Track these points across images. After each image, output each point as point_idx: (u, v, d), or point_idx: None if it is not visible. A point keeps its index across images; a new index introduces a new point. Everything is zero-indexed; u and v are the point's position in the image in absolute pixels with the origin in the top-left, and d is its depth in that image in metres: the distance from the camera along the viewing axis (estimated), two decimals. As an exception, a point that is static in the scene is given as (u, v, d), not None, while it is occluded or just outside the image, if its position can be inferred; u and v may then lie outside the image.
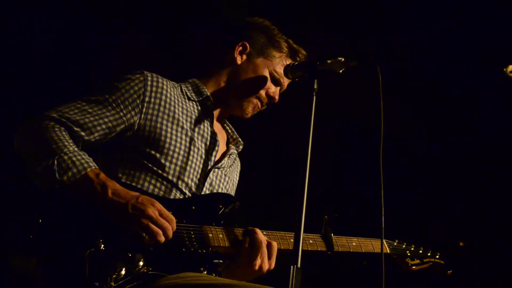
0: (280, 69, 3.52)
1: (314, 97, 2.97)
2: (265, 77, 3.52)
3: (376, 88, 2.99)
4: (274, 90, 3.56)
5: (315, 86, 3.01)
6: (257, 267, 3.12)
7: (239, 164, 3.71)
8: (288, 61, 3.54)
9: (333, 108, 5.07)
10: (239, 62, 3.53)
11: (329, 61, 3.13)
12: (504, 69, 5.09)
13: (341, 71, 3.14)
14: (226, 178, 3.47)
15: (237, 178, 3.69)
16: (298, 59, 3.58)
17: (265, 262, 3.13)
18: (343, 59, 3.14)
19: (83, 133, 3.02)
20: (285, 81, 3.58)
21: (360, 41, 5.38)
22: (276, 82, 3.56)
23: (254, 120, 3.63)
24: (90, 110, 3.07)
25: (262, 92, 3.52)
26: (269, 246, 3.16)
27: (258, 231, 3.17)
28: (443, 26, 5.53)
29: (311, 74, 3.09)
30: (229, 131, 3.70)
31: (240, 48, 3.54)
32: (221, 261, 3.31)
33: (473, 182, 6.11)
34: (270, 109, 3.65)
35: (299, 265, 2.61)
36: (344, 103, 5.56)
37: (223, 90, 3.52)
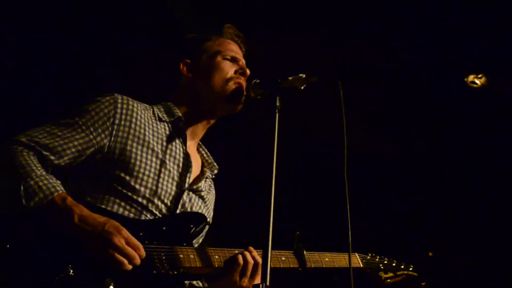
0: (228, 50, 3.58)
1: (277, 114, 3.00)
2: (222, 64, 3.53)
3: (339, 103, 3.02)
4: (237, 66, 3.56)
5: (278, 103, 3.04)
6: (244, 285, 3.13)
7: (214, 191, 3.70)
8: (229, 41, 3.63)
9: (299, 123, 5.11)
10: (191, 75, 3.55)
11: (290, 78, 3.16)
12: (465, 79, 5.17)
13: (302, 88, 3.17)
14: (200, 202, 3.45)
15: (213, 206, 3.66)
16: (236, 38, 3.66)
17: (251, 281, 3.15)
18: (304, 76, 3.16)
19: (52, 157, 3.01)
20: (239, 52, 3.63)
21: (321, 56, 5.42)
22: (233, 59, 3.57)
23: (221, 141, 3.63)
24: (59, 134, 3.06)
25: (230, 75, 3.51)
26: (256, 264, 3.17)
27: (251, 248, 3.20)
28: (405, 37, 5.59)
29: (273, 91, 3.12)
30: (204, 155, 3.68)
31: (184, 67, 3.58)
32: (194, 282, 3.32)
33: (440, 192, 6.17)
34: (236, 128, 3.66)
35: (268, 283, 2.63)
36: (309, 118, 5.60)
37: (194, 105, 3.51)
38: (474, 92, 5.79)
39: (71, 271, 2.71)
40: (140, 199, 3.13)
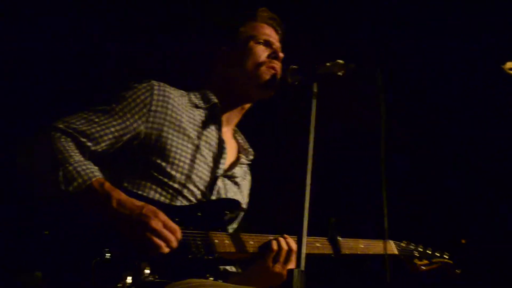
0: (261, 33, 3.56)
1: (314, 100, 2.99)
2: (254, 49, 3.52)
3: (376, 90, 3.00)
4: (270, 50, 3.55)
5: (315, 90, 3.03)
6: (277, 270, 3.13)
7: (250, 177, 3.72)
8: (262, 25, 3.61)
9: (334, 111, 5.08)
10: (226, 62, 3.56)
11: (328, 64, 3.13)
12: (502, 66, 5.08)
13: (340, 74, 3.15)
14: (235, 188, 3.47)
15: (248, 191, 3.69)
16: (270, 21, 3.64)
17: (285, 266, 3.15)
18: (342, 62, 3.14)
19: (89, 143, 3.04)
20: (273, 36, 3.61)
21: (359, 44, 5.39)
22: (266, 43, 3.56)
23: (257, 127, 3.63)
24: (96, 120, 3.08)
25: (262, 59, 3.50)
26: (290, 251, 3.18)
27: (286, 235, 3.20)
28: (440, 28, 5.53)
29: (310, 77, 3.10)
30: (240, 141, 3.69)
31: (219, 54, 3.59)
32: (228, 267, 3.35)
33: (473, 180, 6.11)
34: (273, 115, 3.65)
35: (302, 268, 2.64)
36: (345, 106, 5.57)
37: (229, 91, 3.51)
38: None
39: (108, 255, 2.74)
40: (175, 185, 3.16)
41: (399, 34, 5.60)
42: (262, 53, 3.51)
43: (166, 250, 2.84)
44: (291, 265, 3.11)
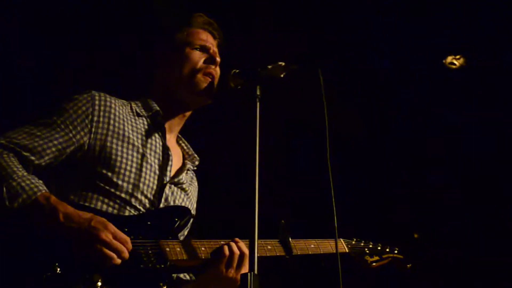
0: (196, 39, 3.54)
1: (258, 103, 3.00)
2: (190, 55, 3.49)
3: (319, 89, 3.03)
4: (206, 55, 3.52)
5: (258, 93, 3.04)
6: (231, 275, 3.13)
7: (196, 183, 3.70)
8: (198, 31, 3.58)
9: (278, 112, 5.12)
10: (163, 69, 3.53)
11: (269, 67, 3.15)
12: (444, 61, 5.19)
13: (282, 76, 3.16)
14: (183, 195, 3.45)
15: (196, 198, 3.67)
16: (207, 26, 3.61)
17: (238, 271, 3.14)
18: (283, 64, 3.15)
19: (33, 158, 3.00)
20: (210, 41, 3.58)
21: (300, 44, 5.43)
22: (203, 49, 3.54)
23: (202, 132, 3.62)
24: (38, 134, 3.04)
25: (199, 65, 3.47)
26: (242, 255, 3.17)
27: (237, 239, 3.20)
28: (381, 23, 5.61)
29: (253, 80, 3.11)
30: (184, 147, 3.67)
31: (156, 61, 3.57)
32: (181, 275, 3.33)
33: (420, 173, 6.21)
34: (218, 120, 3.65)
35: (256, 272, 2.64)
36: (289, 106, 5.61)
37: (169, 98, 3.49)
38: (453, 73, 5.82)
39: (58, 269, 2.71)
40: (123, 195, 3.13)
41: (341, 29, 5.66)
42: (199, 59, 3.50)
43: (118, 261, 2.82)
44: (244, 269, 3.10)
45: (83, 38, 5.09)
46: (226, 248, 3.16)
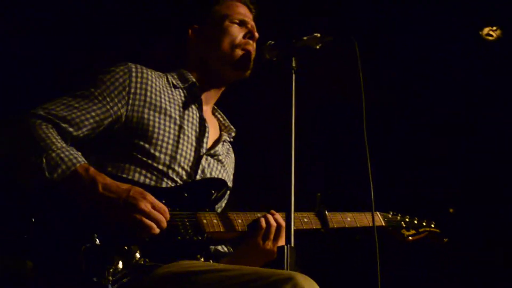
0: (236, 13, 3.52)
1: (293, 75, 2.99)
2: (229, 29, 3.48)
3: (355, 62, 3.01)
4: (245, 30, 3.52)
5: (293, 64, 3.03)
6: (268, 247, 3.15)
7: (233, 155, 3.71)
8: (237, 4, 3.57)
9: (315, 85, 5.09)
10: (200, 41, 3.52)
11: (305, 38, 3.14)
12: (480, 32, 5.10)
13: (318, 47, 3.15)
14: (219, 166, 3.45)
15: (233, 170, 3.68)
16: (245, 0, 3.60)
17: (275, 243, 3.15)
18: (319, 35, 3.14)
19: (71, 129, 3.01)
20: (248, 15, 3.57)
21: (335, 17, 5.39)
22: (242, 23, 3.52)
23: (238, 104, 3.62)
24: (76, 105, 3.06)
25: (238, 40, 3.47)
26: (279, 227, 3.18)
27: (273, 211, 3.21)
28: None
29: (288, 52, 3.11)
30: (221, 118, 3.67)
31: (193, 33, 3.55)
32: (219, 247, 3.34)
33: (458, 149, 6.15)
34: (253, 90, 3.64)
35: (292, 244, 2.65)
36: (325, 79, 5.58)
37: (205, 70, 3.49)
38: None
39: (97, 240, 2.73)
40: (160, 166, 3.14)
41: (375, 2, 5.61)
42: (238, 33, 3.48)
43: (157, 230, 2.84)
44: (281, 241, 3.10)
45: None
46: (263, 220, 3.17)
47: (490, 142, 6.16)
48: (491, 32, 5.74)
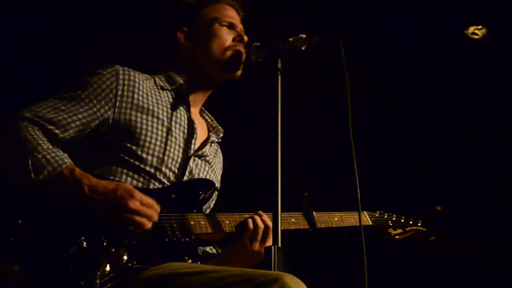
0: (225, 16, 3.55)
1: (279, 76, 3.00)
2: (219, 32, 3.51)
3: (340, 62, 3.02)
4: (234, 33, 3.54)
5: (279, 66, 3.04)
6: (255, 249, 3.14)
7: (221, 155, 3.71)
8: (225, 7, 3.59)
9: (300, 86, 5.11)
10: (189, 43, 3.54)
11: (291, 39, 3.16)
12: (465, 31, 5.12)
13: (303, 48, 3.17)
14: (207, 167, 3.46)
15: (221, 171, 3.68)
16: (233, 3, 3.63)
17: (262, 244, 3.15)
18: (305, 36, 3.17)
19: (57, 131, 3.01)
20: (236, 18, 3.59)
21: (321, 18, 5.40)
22: (230, 26, 3.55)
23: (224, 105, 3.62)
24: (63, 108, 3.06)
25: (228, 43, 3.49)
26: (267, 228, 3.18)
27: (261, 212, 3.20)
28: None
29: (274, 53, 3.12)
30: (208, 119, 3.68)
31: (182, 35, 3.57)
32: (207, 249, 3.34)
33: (445, 147, 6.17)
34: (240, 92, 3.64)
35: (279, 245, 2.66)
36: (312, 79, 5.59)
37: (194, 72, 3.50)
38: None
39: (84, 243, 2.73)
40: (147, 168, 3.14)
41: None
42: (228, 36, 3.51)
43: (149, 226, 2.84)
44: (269, 242, 3.09)
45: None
46: (250, 221, 3.17)
47: (481, 139, 6.19)
48: (476, 31, 5.76)
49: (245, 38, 3.52)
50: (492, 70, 5.98)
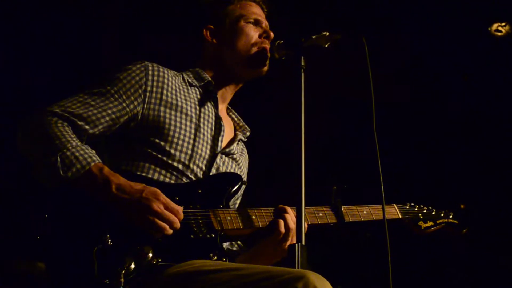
0: (250, 12, 3.55)
1: (302, 74, 2.99)
2: (245, 29, 3.51)
3: (364, 60, 3.00)
4: (260, 29, 3.55)
5: (302, 63, 3.03)
6: (285, 247, 3.10)
7: (247, 155, 3.72)
8: (251, 3, 3.60)
9: (324, 83, 5.08)
10: (215, 41, 3.55)
11: (314, 37, 3.16)
12: (489, 28, 5.03)
13: (326, 46, 3.16)
14: (234, 165, 3.45)
15: (246, 169, 3.68)
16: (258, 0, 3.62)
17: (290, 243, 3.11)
18: (327, 33, 3.15)
19: (87, 127, 3.03)
20: (261, 14, 3.60)
21: (344, 15, 5.37)
22: (256, 22, 3.56)
23: (247, 104, 3.62)
24: (92, 103, 3.08)
25: (254, 39, 3.50)
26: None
27: (289, 209, 3.17)
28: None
29: (297, 51, 3.12)
30: (235, 118, 3.69)
31: (208, 33, 3.57)
32: (234, 248, 3.35)
33: (473, 144, 6.09)
34: (262, 91, 3.63)
35: (303, 242, 2.65)
36: (334, 77, 5.56)
37: (220, 70, 3.52)
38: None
39: (109, 241, 2.75)
40: (175, 164, 3.15)
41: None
42: (254, 33, 3.52)
43: (170, 231, 2.85)
44: (294, 240, 3.09)
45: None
46: (282, 224, 3.11)
47: (506, 137, 6.10)
48: (500, 28, 5.67)
49: (271, 34, 3.52)
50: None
